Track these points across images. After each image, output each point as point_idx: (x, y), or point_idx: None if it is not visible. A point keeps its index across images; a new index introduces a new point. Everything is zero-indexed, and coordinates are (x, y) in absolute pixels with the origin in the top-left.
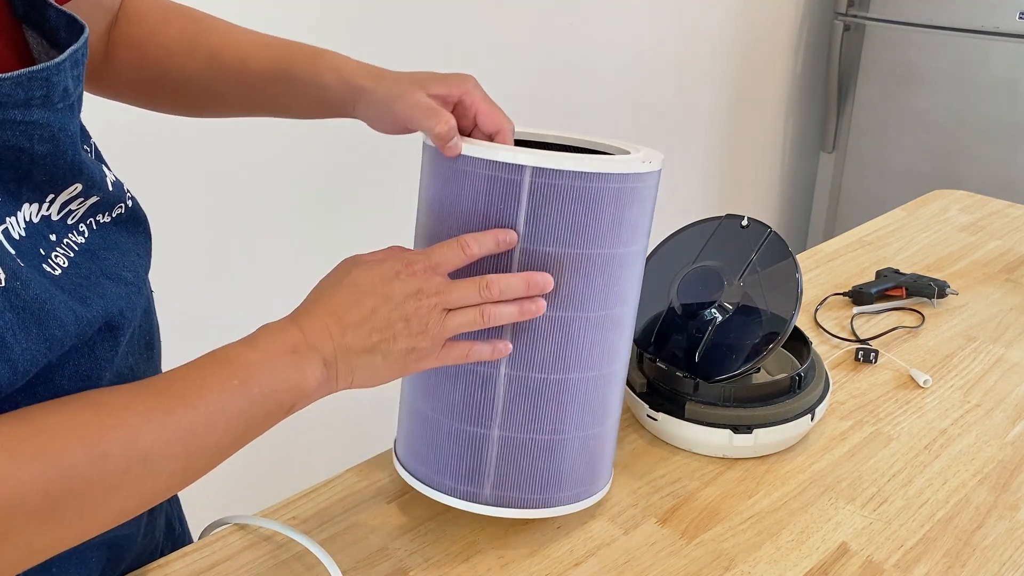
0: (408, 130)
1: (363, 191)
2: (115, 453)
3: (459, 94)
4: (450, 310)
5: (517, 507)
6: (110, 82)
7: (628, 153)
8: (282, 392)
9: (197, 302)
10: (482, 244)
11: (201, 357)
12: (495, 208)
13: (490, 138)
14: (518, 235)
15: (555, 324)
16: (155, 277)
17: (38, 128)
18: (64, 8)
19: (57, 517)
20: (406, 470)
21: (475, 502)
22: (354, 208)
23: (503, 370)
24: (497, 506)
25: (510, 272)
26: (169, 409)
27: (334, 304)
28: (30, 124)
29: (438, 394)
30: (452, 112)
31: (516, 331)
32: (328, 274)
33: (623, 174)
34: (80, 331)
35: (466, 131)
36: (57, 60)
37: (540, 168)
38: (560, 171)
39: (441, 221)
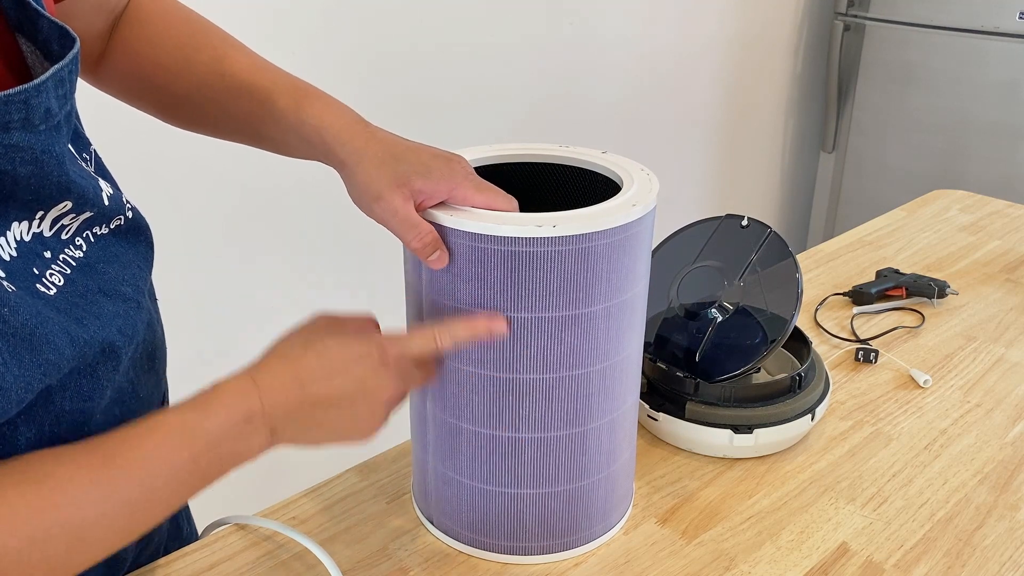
0: None
1: None
2: (58, 535)
3: (446, 191)
4: None
5: (489, 551)
6: (105, 79)
7: (620, 179)
8: (227, 461)
9: (202, 306)
10: (456, 338)
11: (153, 419)
12: (414, 263)
13: None
14: (424, 282)
15: (455, 374)
16: (159, 282)
17: (19, 151)
18: (56, 19)
19: None
20: (416, 505)
21: (455, 539)
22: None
23: (428, 406)
24: (474, 547)
25: (422, 317)
26: (114, 485)
27: (300, 371)
28: (10, 147)
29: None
30: (444, 202)
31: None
32: (296, 330)
33: (512, 237)
34: (78, 353)
35: None
36: (36, 82)
37: (440, 227)
38: (444, 228)
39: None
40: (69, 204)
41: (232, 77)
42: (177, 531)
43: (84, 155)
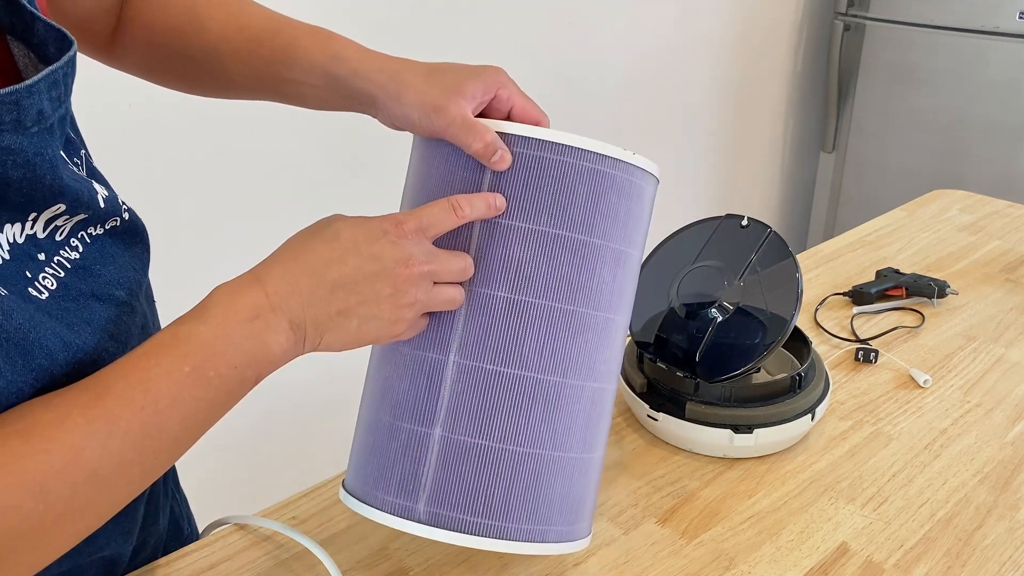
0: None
1: (365, 187)
2: (56, 481)
3: (494, 89)
4: (435, 283)
5: (453, 529)
6: (120, 56)
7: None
8: (243, 368)
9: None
10: (474, 207)
11: (148, 341)
12: (459, 178)
13: None
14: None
15: (512, 308)
16: (156, 281)
17: (10, 154)
18: (53, 22)
19: (5, 561)
20: (346, 488)
21: (408, 518)
22: (358, 205)
23: (452, 357)
24: (431, 525)
25: (469, 243)
26: (113, 416)
27: (310, 258)
28: (1, 149)
29: (384, 390)
30: (487, 106)
31: (470, 312)
32: (304, 228)
33: (599, 155)
34: (71, 359)
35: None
36: (28, 83)
37: (507, 135)
38: (528, 139)
39: (413, 197)
40: (62, 207)
41: (251, 28)
42: (178, 531)
43: (75, 159)
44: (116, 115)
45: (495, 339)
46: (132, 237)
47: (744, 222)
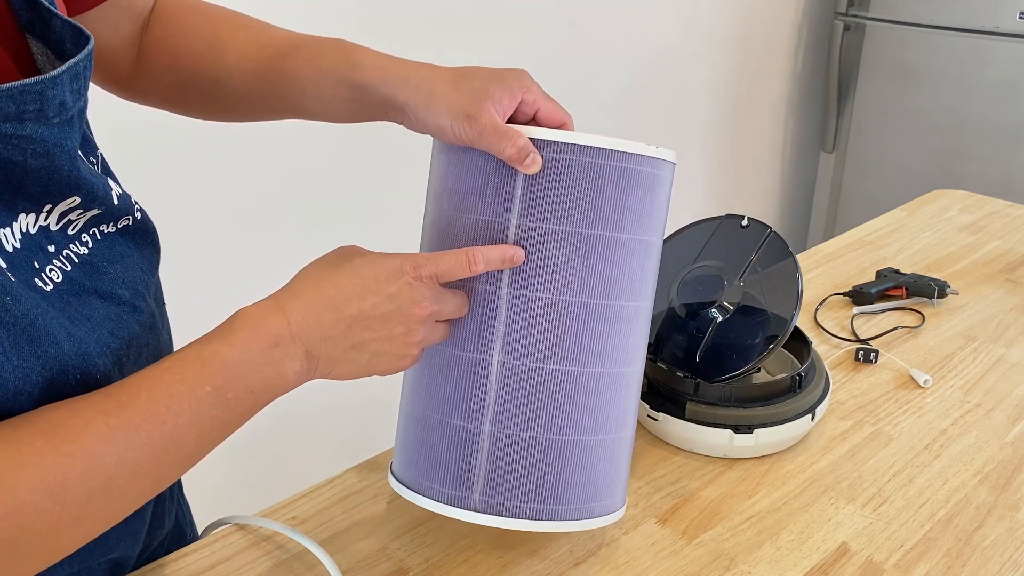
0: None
1: (373, 192)
2: (75, 484)
3: (520, 94)
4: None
5: (508, 515)
6: (142, 88)
7: None
8: (258, 392)
9: (210, 310)
10: (489, 261)
11: (172, 357)
12: (492, 184)
13: None
14: (515, 210)
15: (551, 308)
16: (166, 285)
17: (31, 142)
18: (70, 19)
19: (16, 557)
20: (395, 477)
21: (464, 508)
22: (364, 210)
23: (496, 357)
24: (488, 513)
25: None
26: (135, 426)
27: (332, 292)
28: (23, 138)
29: (429, 389)
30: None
31: (511, 315)
32: (322, 258)
33: (627, 153)
34: (78, 350)
35: (523, 124)
36: (52, 74)
37: (538, 140)
38: (558, 143)
39: (440, 201)
40: (78, 199)
41: (272, 46)
42: (181, 536)
43: (91, 159)
44: (131, 118)
45: (536, 338)
46: (143, 238)
47: (744, 222)
